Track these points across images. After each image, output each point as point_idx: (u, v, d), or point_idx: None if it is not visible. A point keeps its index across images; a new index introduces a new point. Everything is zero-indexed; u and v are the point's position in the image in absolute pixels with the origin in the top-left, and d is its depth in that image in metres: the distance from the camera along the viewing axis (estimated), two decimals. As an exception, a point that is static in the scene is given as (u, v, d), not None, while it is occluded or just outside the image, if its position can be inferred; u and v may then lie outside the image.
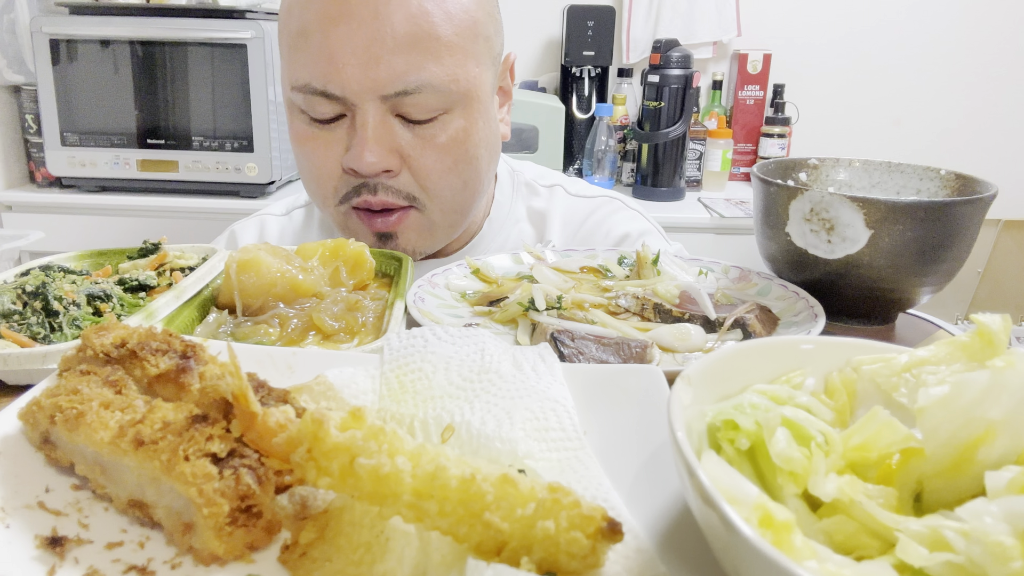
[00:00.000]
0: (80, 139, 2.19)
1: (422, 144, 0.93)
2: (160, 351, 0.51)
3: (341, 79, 0.88)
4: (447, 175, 0.96)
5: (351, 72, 0.87)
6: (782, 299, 0.82)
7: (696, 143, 2.58)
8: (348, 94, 0.89)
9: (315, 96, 0.90)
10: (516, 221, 1.18)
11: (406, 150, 0.93)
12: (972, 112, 2.82)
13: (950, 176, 0.86)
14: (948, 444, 0.40)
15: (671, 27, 2.68)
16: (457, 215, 1.02)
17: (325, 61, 0.88)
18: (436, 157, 0.94)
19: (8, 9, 2.28)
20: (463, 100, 0.94)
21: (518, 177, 1.23)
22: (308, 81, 0.90)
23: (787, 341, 0.52)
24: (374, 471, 0.38)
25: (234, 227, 1.26)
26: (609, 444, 0.52)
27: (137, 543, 0.42)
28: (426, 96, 0.90)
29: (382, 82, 0.88)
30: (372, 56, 0.87)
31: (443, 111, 0.93)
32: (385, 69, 0.87)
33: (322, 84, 0.89)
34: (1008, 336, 0.44)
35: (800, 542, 0.35)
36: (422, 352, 0.58)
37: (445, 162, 0.94)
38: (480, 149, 0.98)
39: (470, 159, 0.97)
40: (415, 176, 0.94)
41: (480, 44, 0.95)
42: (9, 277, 0.77)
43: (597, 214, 1.20)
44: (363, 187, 0.94)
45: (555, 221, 1.18)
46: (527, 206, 1.20)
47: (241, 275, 0.75)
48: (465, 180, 0.98)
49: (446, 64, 0.90)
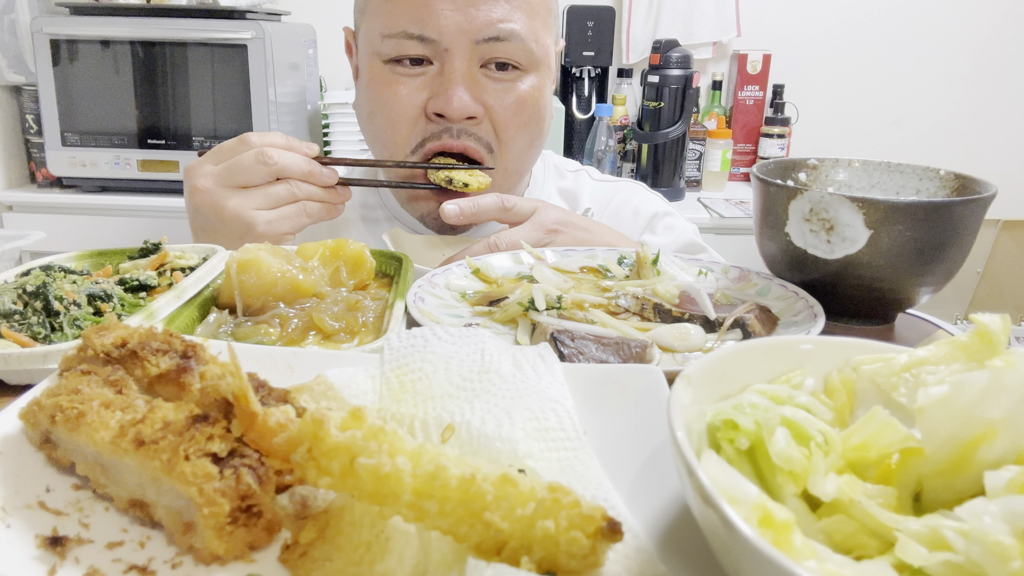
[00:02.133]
0: (80, 139, 2.19)
1: (504, 95, 0.99)
2: (161, 351, 0.51)
3: (439, 23, 0.94)
4: (521, 130, 1.02)
5: (449, 16, 0.94)
6: (782, 299, 0.82)
7: (696, 143, 2.58)
8: (444, 36, 0.95)
9: (411, 40, 0.96)
10: (549, 196, 1.25)
11: (489, 100, 0.99)
12: (972, 112, 2.82)
13: (950, 176, 0.86)
14: (947, 444, 0.40)
15: (671, 27, 2.68)
16: (517, 176, 1.07)
17: (422, 6, 0.95)
18: (515, 110, 1.00)
19: (9, 9, 2.28)
20: (538, 62, 1.01)
21: (547, 160, 1.31)
22: (404, 27, 0.96)
23: (787, 341, 0.52)
24: (374, 471, 0.38)
25: None
26: (609, 444, 0.52)
27: (138, 543, 0.42)
28: (514, 46, 0.97)
29: (478, 25, 0.94)
30: (468, 1, 0.94)
31: (523, 67, 0.99)
32: (483, 13, 0.94)
33: (419, 28, 0.95)
34: (1007, 336, 0.44)
35: (800, 542, 0.35)
36: (422, 352, 0.58)
37: (521, 116, 1.01)
38: (545, 113, 1.05)
39: (539, 119, 1.04)
40: (495, 126, 1.00)
41: (552, 18, 1.04)
42: (9, 277, 0.77)
43: (622, 194, 1.27)
44: (445, 133, 0.99)
45: (584, 201, 1.25)
46: (557, 186, 1.28)
47: (241, 275, 0.75)
48: (532, 138, 1.04)
49: (534, 21, 0.98)
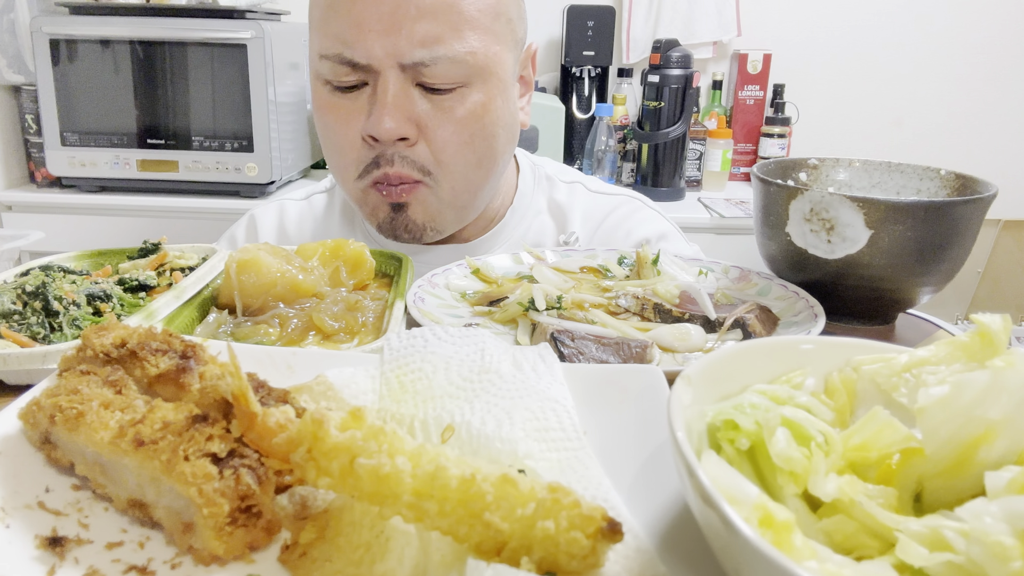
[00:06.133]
0: (80, 139, 2.19)
1: (440, 115, 0.95)
2: (160, 351, 0.51)
3: (365, 46, 0.91)
4: (463, 149, 0.97)
5: (374, 39, 0.91)
6: (782, 299, 0.82)
7: (696, 143, 2.58)
8: (371, 60, 0.92)
9: (341, 65, 0.94)
10: (537, 212, 1.20)
11: (424, 120, 0.95)
12: (972, 112, 2.82)
13: (950, 176, 0.86)
14: (948, 444, 0.40)
15: (671, 27, 2.68)
16: (468, 195, 1.03)
17: (352, 28, 0.92)
18: (453, 129, 0.96)
19: (8, 9, 2.28)
20: (481, 75, 0.96)
21: (539, 170, 1.25)
22: (336, 50, 0.93)
23: (787, 341, 0.52)
24: (374, 471, 0.38)
25: (254, 212, 1.27)
26: (609, 444, 0.52)
27: (137, 543, 0.42)
28: (444, 67, 0.93)
29: (402, 49, 0.91)
30: (395, 23, 0.91)
31: (462, 84, 0.95)
32: (406, 37, 0.91)
33: (349, 52, 0.93)
34: (1008, 336, 0.44)
35: (800, 542, 0.35)
36: (422, 352, 0.58)
37: (462, 135, 0.96)
38: (497, 128, 1.00)
39: (487, 136, 0.99)
40: (431, 147, 0.96)
41: (502, 24, 0.98)
42: (9, 277, 0.77)
43: (618, 212, 1.21)
44: (381, 158, 0.96)
45: (576, 217, 1.20)
46: (548, 198, 1.22)
47: (241, 275, 0.75)
48: (480, 157, 1.00)
49: (466, 37, 0.93)
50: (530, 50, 1.09)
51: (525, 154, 1.27)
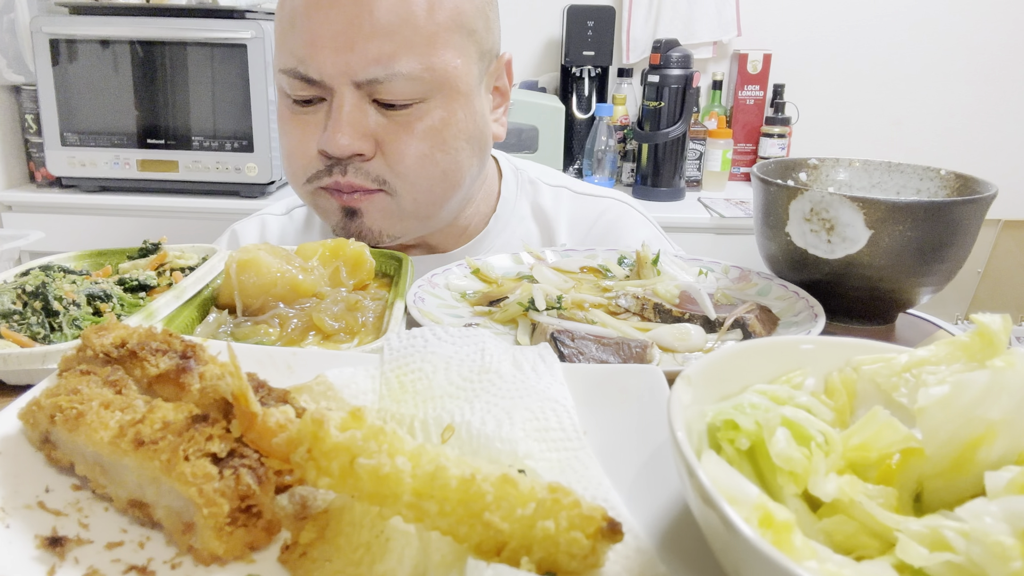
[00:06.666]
0: (80, 139, 2.19)
1: (397, 130, 0.94)
2: (160, 351, 0.51)
3: (318, 63, 0.91)
4: (424, 162, 0.96)
5: (326, 56, 0.90)
6: (782, 299, 0.82)
7: (696, 143, 2.58)
8: (324, 78, 0.91)
9: (297, 80, 0.93)
10: (521, 219, 1.19)
11: (380, 135, 0.94)
12: (972, 112, 2.82)
13: (950, 176, 0.86)
14: (948, 444, 0.40)
15: (671, 27, 2.68)
16: (432, 206, 1.01)
17: (307, 45, 0.91)
18: (412, 144, 0.95)
19: (8, 9, 2.28)
20: (441, 90, 0.94)
21: (522, 175, 1.23)
22: (292, 65, 0.93)
23: (787, 341, 0.52)
24: (374, 471, 0.38)
25: (235, 227, 1.26)
26: (609, 444, 0.52)
27: (137, 543, 0.42)
28: (399, 84, 0.91)
29: (354, 67, 0.90)
30: (347, 41, 0.89)
31: (419, 99, 0.94)
32: (358, 55, 0.89)
33: (303, 68, 0.92)
34: (1008, 336, 0.44)
35: (800, 542, 0.35)
36: (422, 352, 0.58)
37: (421, 149, 0.95)
38: (460, 141, 0.98)
39: (448, 149, 0.97)
40: (388, 162, 0.95)
41: (463, 37, 0.96)
42: (9, 277, 0.77)
43: (605, 217, 1.20)
44: (334, 167, 0.95)
45: (561, 224, 1.18)
46: (532, 203, 1.20)
47: (241, 275, 0.75)
48: (444, 170, 0.98)
49: (421, 53, 0.92)
50: (503, 60, 1.07)
51: (508, 158, 1.24)
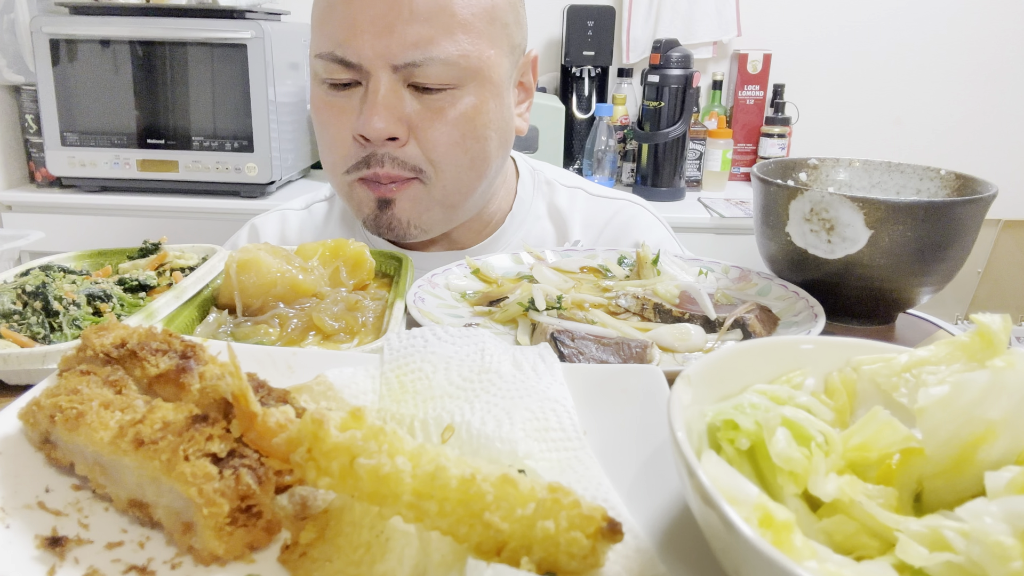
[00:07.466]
0: (80, 139, 2.19)
1: (431, 115, 0.96)
2: (160, 351, 0.51)
3: (357, 46, 0.92)
4: (454, 149, 0.98)
5: (366, 40, 0.92)
6: (782, 299, 0.82)
7: (696, 143, 2.58)
8: (363, 61, 0.93)
9: (334, 63, 0.95)
10: (537, 218, 1.21)
11: (414, 120, 0.96)
12: (972, 112, 2.82)
13: (950, 176, 0.86)
14: (948, 444, 0.40)
15: (671, 27, 2.68)
16: (460, 194, 1.03)
17: (346, 28, 0.93)
18: (444, 130, 0.96)
19: (8, 9, 2.28)
20: (474, 77, 0.97)
21: (539, 176, 1.25)
22: (330, 49, 0.95)
23: (787, 341, 0.52)
24: (374, 471, 0.38)
25: (254, 221, 1.27)
26: (609, 444, 0.52)
27: (137, 543, 0.42)
28: (435, 68, 0.93)
29: (393, 51, 0.92)
30: (387, 25, 0.91)
31: (453, 85, 0.96)
32: (397, 39, 0.91)
33: (341, 51, 0.94)
34: (1008, 336, 0.44)
35: (800, 542, 0.35)
36: (422, 352, 0.58)
37: (453, 136, 0.97)
38: (490, 130, 1.00)
39: (478, 137, 0.99)
40: (422, 147, 0.97)
41: (497, 28, 0.99)
42: (9, 277, 0.77)
43: (618, 218, 1.22)
44: (371, 158, 0.97)
45: (576, 224, 1.20)
46: (548, 203, 1.23)
47: (241, 275, 0.75)
48: (472, 158, 1.00)
49: (458, 40, 0.94)
50: (529, 56, 1.09)
51: (525, 159, 1.26)
